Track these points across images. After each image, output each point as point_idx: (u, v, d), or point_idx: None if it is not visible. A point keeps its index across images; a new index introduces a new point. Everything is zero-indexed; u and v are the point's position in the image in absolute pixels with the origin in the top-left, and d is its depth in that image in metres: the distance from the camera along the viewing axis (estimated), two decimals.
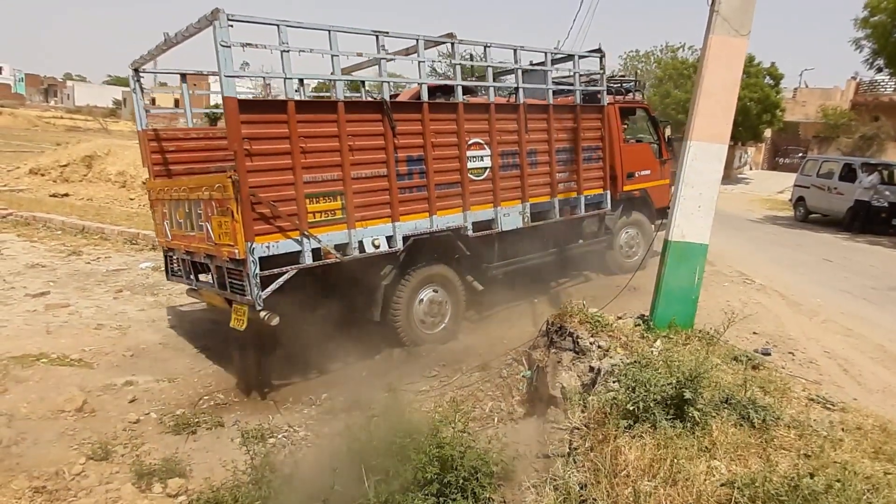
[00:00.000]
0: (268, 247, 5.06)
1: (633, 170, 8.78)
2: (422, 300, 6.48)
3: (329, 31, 5.23)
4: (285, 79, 5.08)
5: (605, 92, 8.07)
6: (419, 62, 6.01)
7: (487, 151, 6.63)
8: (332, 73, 5.40)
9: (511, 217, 7.01)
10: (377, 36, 5.56)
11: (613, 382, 4.20)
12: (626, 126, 9.05)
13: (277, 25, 4.90)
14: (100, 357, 6.01)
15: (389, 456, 3.48)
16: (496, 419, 5.20)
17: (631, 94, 9.21)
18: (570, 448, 3.83)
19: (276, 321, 5.22)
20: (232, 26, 4.63)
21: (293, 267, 5.26)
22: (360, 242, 5.67)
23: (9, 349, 5.77)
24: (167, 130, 6.85)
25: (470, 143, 6.45)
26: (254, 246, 4.92)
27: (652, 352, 4.59)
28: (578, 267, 8.85)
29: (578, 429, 3.97)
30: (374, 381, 5.99)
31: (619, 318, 5.50)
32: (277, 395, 5.81)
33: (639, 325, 5.30)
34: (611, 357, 4.67)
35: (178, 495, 4.26)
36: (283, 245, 5.18)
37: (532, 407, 5.18)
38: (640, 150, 9.12)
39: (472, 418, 5.15)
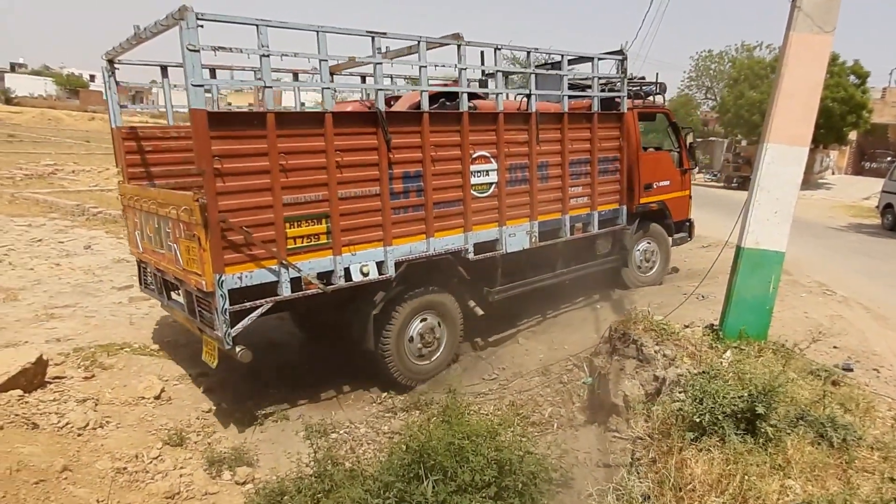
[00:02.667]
0: (240, 277, 4.51)
1: (651, 181, 8.15)
2: (414, 330, 5.89)
3: (318, 31, 4.61)
4: (265, 87, 4.47)
5: (625, 98, 7.41)
6: (420, 66, 5.33)
7: (494, 165, 5.99)
8: (321, 80, 4.79)
9: (517, 237, 6.35)
10: (373, 37, 4.95)
11: (679, 393, 4.08)
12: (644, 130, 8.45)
13: (257, 26, 4.31)
14: (176, 348, 6.34)
15: (448, 456, 3.50)
16: (556, 425, 5.15)
17: (651, 98, 8.51)
18: (632, 458, 3.76)
19: (248, 358, 4.74)
20: (202, 27, 4.05)
21: (268, 300, 4.74)
22: (347, 270, 5.11)
23: (97, 338, 6.19)
24: (144, 128, 6.20)
25: (475, 156, 5.82)
26: (223, 278, 4.38)
27: (721, 363, 4.42)
28: (590, 285, 8.15)
29: (641, 439, 3.88)
30: (433, 381, 6.05)
31: (686, 326, 5.32)
32: (340, 391, 5.96)
33: (707, 334, 5.10)
34: (677, 366, 4.52)
35: (245, 483, 4.48)
36: (258, 275, 4.62)
37: (593, 414, 5.09)
38: (660, 159, 8.49)
39: (531, 423, 5.14)
